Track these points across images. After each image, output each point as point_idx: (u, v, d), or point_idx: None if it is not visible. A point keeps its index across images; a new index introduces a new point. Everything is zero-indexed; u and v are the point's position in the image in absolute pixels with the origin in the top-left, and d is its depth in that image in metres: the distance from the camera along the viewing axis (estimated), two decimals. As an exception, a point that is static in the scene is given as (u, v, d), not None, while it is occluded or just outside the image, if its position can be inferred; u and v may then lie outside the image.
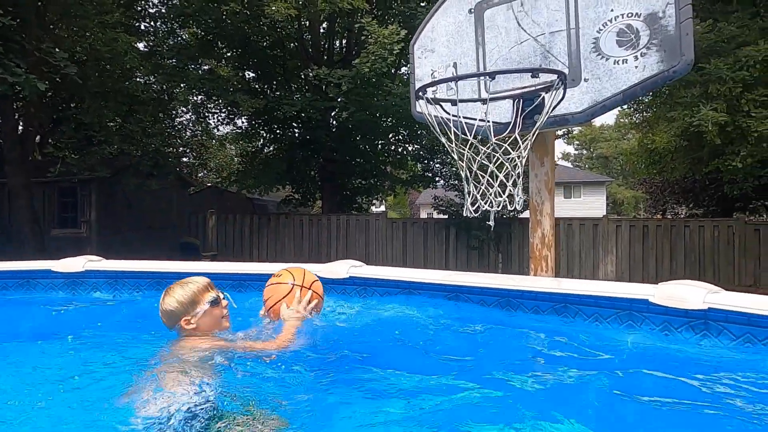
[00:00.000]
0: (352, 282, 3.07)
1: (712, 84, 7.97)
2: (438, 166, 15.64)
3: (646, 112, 13.92)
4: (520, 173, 3.56)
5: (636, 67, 3.50)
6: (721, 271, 10.19)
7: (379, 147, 15.67)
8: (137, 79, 12.62)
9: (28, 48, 8.67)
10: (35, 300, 3.20)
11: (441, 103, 3.83)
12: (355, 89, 11.20)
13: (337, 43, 15.16)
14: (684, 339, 2.26)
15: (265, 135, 15.82)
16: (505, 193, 3.55)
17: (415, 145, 15.64)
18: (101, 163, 11.65)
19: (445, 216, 12.13)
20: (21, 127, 11.56)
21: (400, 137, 15.59)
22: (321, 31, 14.21)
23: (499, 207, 3.58)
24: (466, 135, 3.56)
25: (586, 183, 34.95)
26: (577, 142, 51.45)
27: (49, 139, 14.80)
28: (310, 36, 13.95)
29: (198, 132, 16.49)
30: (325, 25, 14.16)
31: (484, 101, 3.66)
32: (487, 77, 3.77)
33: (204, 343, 1.86)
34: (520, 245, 11.22)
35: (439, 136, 3.72)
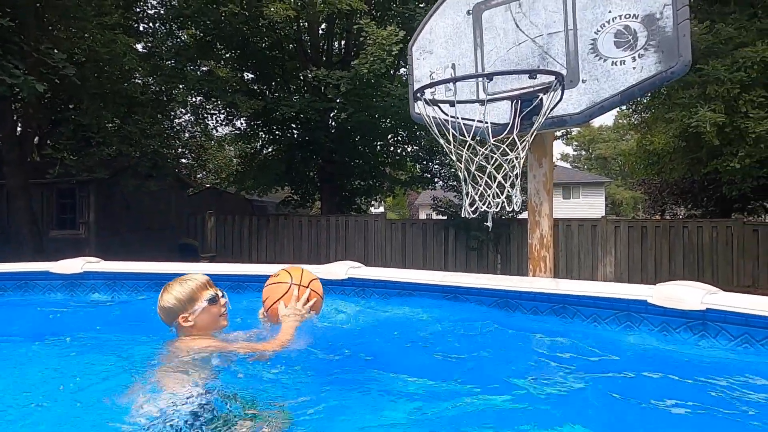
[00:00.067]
0: (351, 283, 3.07)
1: (710, 85, 7.99)
2: (437, 167, 15.64)
3: (645, 113, 13.94)
4: (518, 174, 3.56)
5: (634, 68, 3.51)
6: (720, 272, 10.21)
7: (378, 148, 15.68)
8: (136, 80, 12.62)
9: (27, 49, 8.67)
10: (34, 301, 3.19)
11: (439, 104, 3.84)
12: (353, 90, 11.21)
13: (336, 44, 15.17)
14: (682, 339, 2.27)
15: (263, 136, 15.82)
16: (503, 194, 3.55)
17: (414, 146, 15.65)
18: (100, 165, 11.64)
19: (444, 217, 12.14)
20: (19, 129, 11.54)
21: (399, 138, 15.60)
22: (320, 32, 14.22)
23: (497, 208, 3.59)
24: (464, 136, 3.56)
25: (585, 184, 35.00)
26: (576, 143, 51.48)
27: (48, 141, 14.80)
28: (308, 37, 13.96)
29: (197, 133, 16.49)
30: (324, 27, 14.17)
31: (483, 102, 3.66)
32: (485, 78, 3.77)
33: (202, 343, 1.86)
34: (519, 246, 11.23)
35: (438, 137, 3.73)
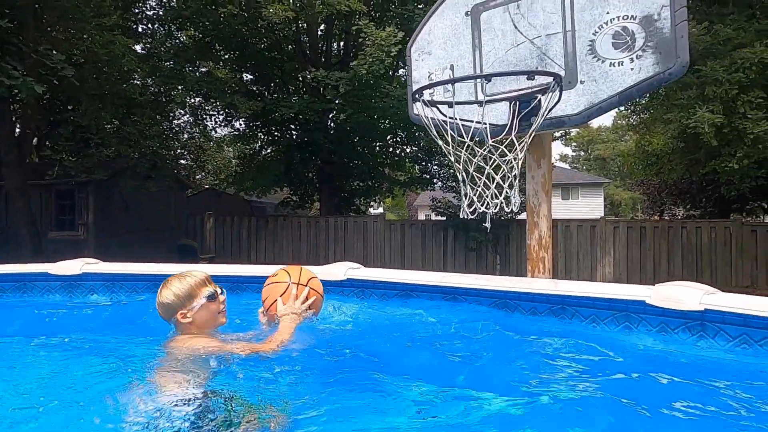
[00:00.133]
0: (350, 284, 3.06)
1: (708, 86, 8.01)
2: (436, 167, 15.65)
3: (643, 114, 13.96)
4: (516, 175, 3.56)
5: (632, 69, 3.52)
6: (719, 272, 10.23)
7: (377, 149, 15.69)
8: (135, 81, 12.62)
9: (26, 50, 8.67)
10: (32, 303, 3.18)
11: (438, 105, 3.84)
12: (352, 91, 11.21)
13: (335, 45, 15.18)
14: (681, 340, 2.27)
15: (262, 137, 15.83)
16: (501, 195, 3.56)
17: (413, 147, 15.65)
18: (99, 166, 11.64)
19: (443, 218, 12.14)
20: (18, 130, 11.54)
21: (398, 139, 15.61)
22: (319, 33, 14.23)
23: (495, 209, 3.59)
24: (462, 137, 3.57)
25: (584, 184, 35.02)
26: (575, 144, 51.53)
27: (47, 142, 14.79)
28: (307, 38, 13.97)
29: (196, 134, 16.49)
30: (323, 28, 14.19)
31: (481, 103, 3.67)
32: (483, 79, 3.78)
33: (200, 343, 1.86)
34: (518, 247, 11.23)
35: (436, 138, 3.73)
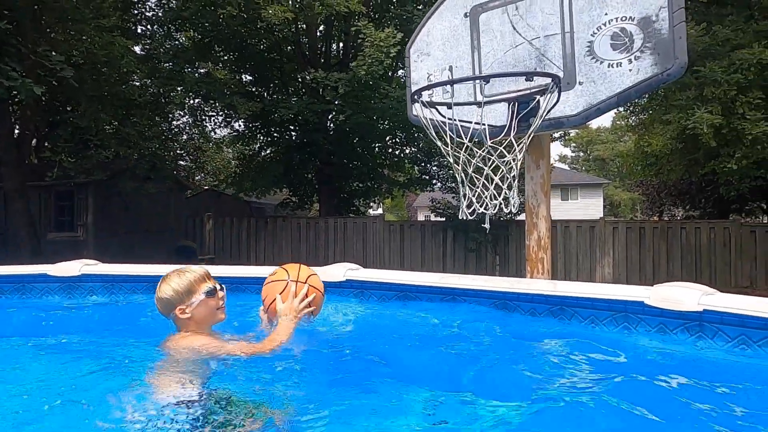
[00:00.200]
0: (350, 285, 3.07)
1: (707, 87, 8.02)
2: (435, 168, 15.65)
3: (642, 115, 13.97)
4: (515, 176, 3.57)
5: (630, 70, 3.53)
6: (718, 273, 10.23)
7: (376, 150, 15.68)
8: (134, 82, 12.61)
9: (25, 51, 8.66)
10: (31, 304, 3.18)
11: (437, 106, 3.85)
12: (352, 92, 11.21)
13: (334, 46, 15.19)
14: (679, 340, 2.27)
15: (262, 138, 15.82)
16: (500, 196, 3.56)
17: (412, 148, 15.66)
18: (98, 167, 11.64)
19: (443, 218, 12.14)
20: (17, 131, 11.53)
21: (397, 140, 15.61)
22: (318, 34, 14.23)
23: (494, 210, 3.59)
24: (461, 138, 3.57)
25: (583, 185, 35.05)
26: (574, 145, 51.59)
27: (46, 143, 14.78)
28: (307, 39, 13.97)
29: (195, 135, 16.48)
30: (322, 29, 14.19)
31: (480, 104, 3.67)
32: (482, 80, 3.78)
33: (198, 343, 1.86)
34: (517, 247, 11.24)
35: (435, 139, 3.74)
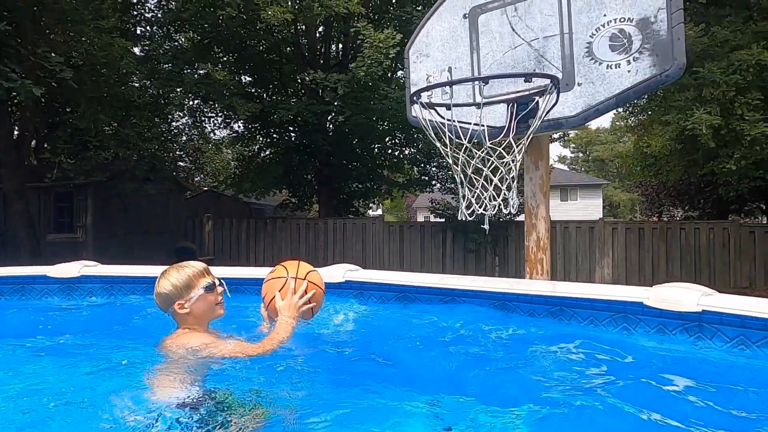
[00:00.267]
0: (349, 286, 3.07)
1: (705, 88, 8.03)
2: (434, 169, 15.66)
3: (641, 116, 13.99)
4: (514, 177, 3.57)
5: (629, 71, 3.53)
6: (717, 273, 10.24)
7: (376, 151, 15.70)
8: (133, 83, 12.61)
9: (24, 53, 8.66)
10: (31, 306, 3.18)
11: (436, 107, 3.85)
12: (351, 93, 11.22)
13: (334, 47, 15.20)
14: (678, 341, 2.28)
15: (261, 139, 15.82)
16: (499, 197, 3.57)
17: (412, 149, 15.67)
18: (97, 168, 11.63)
19: (442, 219, 12.15)
20: (16, 132, 11.53)
21: (397, 141, 15.63)
22: (317, 35, 14.24)
23: (493, 211, 3.60)
24: (460, 139, 3.58)
25: (583, 186, 35.07)
26: (573, 145, 51.62)
27: (45, 144, 14.78)
28: (306, 40, 13.98)
29: (194, 136, 16.48)
30: (322, 30, 14.20)
31: (479, 105, 3.68)
32: (481, 82, 3.79)
33: (196, 342, 1.86)
34: (516, 248, 11.24)
35: (434, 140, 3.74)
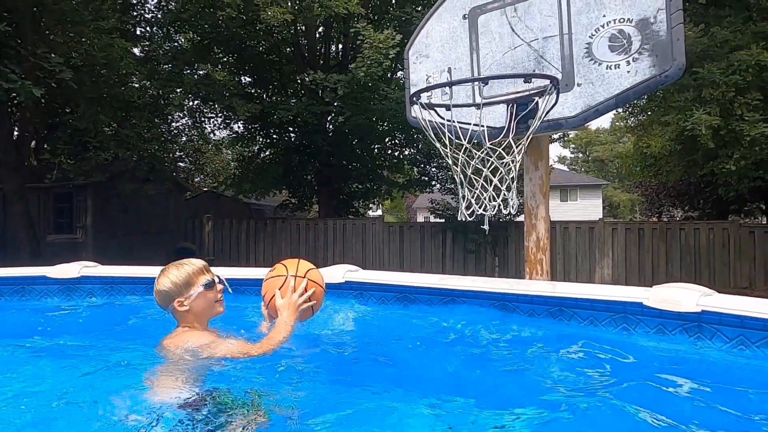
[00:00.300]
0: (349, 286, 3.07)
1: (705, 88, 8.03)
2: (434, 170, 15.67)
3: (641, 116, 14.00)
4: (514, 177, 3.57)
5: (628, 71, 3.54)
6: (717, 274, 10.24)
7: (376, 151, 15.70)
8: (133, 84, 12.61)
9: (24, 53, 8.66)
10: (30, 306, 3.18)
11: (435, 108, 3.85)
12: (351, 94, 11.22)
13: (333, 47, 15.20)
14: (678, 341, 2.28)
15: (261, 140, 15.83)
16: (499, 197, 3.57)
17: (412, 149, 15.67)
18: (97, 169, 11.62)
19: (442, 220, 12.15)
20: (16, 133, 11.52)
21: (397, 141, 15.63)
22: (317, 35, 14.24)
23: (493, 211, 3.60)
24: (460, 140, 3.58)
25: (582, 186, 35.07)
26: (573, 146, 51.63)
27: (45, 145, 14.77)
28: (306, 41, 13.99)
29: (194, 137, 16.48)
30: (321, 30, 14.20)
31: (478, 106, 3.68)
32: (481, 82, 3.79)
33: (196, 342, 1.86)
34: (516, 248, 11.24)
35: (434, 141, 3.74)
